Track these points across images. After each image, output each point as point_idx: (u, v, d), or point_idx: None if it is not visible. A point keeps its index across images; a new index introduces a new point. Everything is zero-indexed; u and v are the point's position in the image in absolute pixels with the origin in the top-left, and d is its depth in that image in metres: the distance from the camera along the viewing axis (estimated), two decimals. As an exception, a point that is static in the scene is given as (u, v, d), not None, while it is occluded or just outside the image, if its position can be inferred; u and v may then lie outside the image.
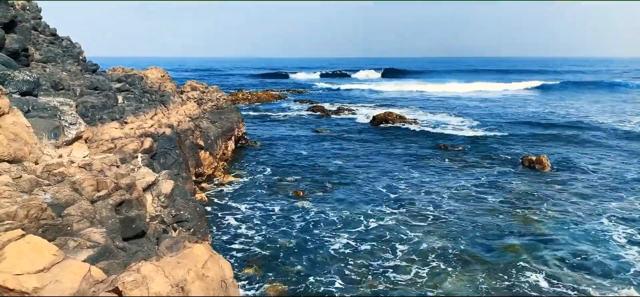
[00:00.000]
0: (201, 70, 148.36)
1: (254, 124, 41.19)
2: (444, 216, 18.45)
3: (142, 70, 26.29)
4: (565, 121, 42.91)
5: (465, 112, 50.21)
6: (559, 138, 34.46)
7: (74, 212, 7.03)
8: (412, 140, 34.08)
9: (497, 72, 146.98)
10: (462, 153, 29.61)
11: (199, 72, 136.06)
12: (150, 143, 15.01)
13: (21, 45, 13.84)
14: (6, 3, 13.19)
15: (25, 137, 8.20)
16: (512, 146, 31.59)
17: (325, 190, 21.89)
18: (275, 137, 35.46)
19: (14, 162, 7.74)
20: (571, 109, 53.76)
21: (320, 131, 37.99)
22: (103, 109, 16.44)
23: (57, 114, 10.41)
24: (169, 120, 20.13)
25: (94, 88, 17.03)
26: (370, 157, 28.73)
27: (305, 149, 31.19)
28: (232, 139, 28.81)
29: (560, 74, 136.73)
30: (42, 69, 15.60)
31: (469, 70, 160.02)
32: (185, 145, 20.73)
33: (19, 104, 9.68)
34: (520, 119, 44.45)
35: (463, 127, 40.20)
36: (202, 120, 25.15)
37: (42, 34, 17.79)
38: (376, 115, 43.61)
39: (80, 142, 10.68)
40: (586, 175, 24.33)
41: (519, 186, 22.50)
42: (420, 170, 25.60)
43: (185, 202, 11.31)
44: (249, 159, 28.43)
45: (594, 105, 57.31)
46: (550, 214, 18.64)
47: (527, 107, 55.50)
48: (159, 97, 22.67)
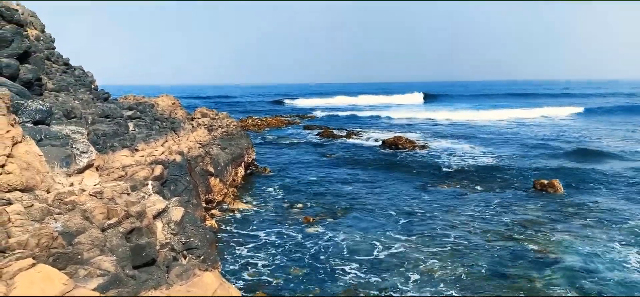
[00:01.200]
0: (213, 98, 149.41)
1: (263, 150, 41.29)
2: (456, 242, 18.23)
3: (153, 98, 26.57)
4: (579, 145, 42.55)
5: (483, 138, 49.46)
6: (573, 161, 34.14)
7: (84, 241, 7.02)
8: (422, 165, 33.92)
9: (540, 96, 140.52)
10: (474, 178, 29.37)
11: (212, 99, 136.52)
12: (160, 170, 15.05)
13: (35, 75, 14.06)
14: (21, 35, 13.45)
15: (37, 165, 8.27)
16: (525, 171, 31.30)
17: (336, 216, 21.76)
18: (285, 162, 35.49)
19: (26, 190, 7.79)
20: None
21: (330, 156, 37.99)
22: (114, 137, 16.57)
23: (69, 142, 10.51)
24: (180, 147, 20.23)
25: (105, 116, 17.20)
26: (379, 182, 28.61)
27: (314, 174, 31.16)
28: (242, 165, 28.86)
29: (605, 96, 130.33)
30: (54, 98, 15.81)
31: (512, 93, 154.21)
32: (196, 171, 20.79)
33: (32, 133, 9.79)
34: (536, 143, 43.81)
35: (475, 152, 39.97)
36: (212, 147, 25.26)
37: (55, 64, 18.08)
38: (386, 140, 43.60)
39: (92, 170, 10.75)
40: (599, 198, 23.99)
41: (531, 210, 22.24)
42: (431, 195, 25.42)
43: (196, 229, 11.28)
44: (258, 185, 28.43)
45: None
46: (564, 238, 18.34)
47: (558, 134, 51.89)
48: (169, 125, 22.83)
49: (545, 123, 66.40)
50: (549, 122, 68.46)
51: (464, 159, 36.23)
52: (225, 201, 23.85)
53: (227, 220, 21.34)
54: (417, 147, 41.22)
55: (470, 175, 30.00)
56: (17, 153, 7.98)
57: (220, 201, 23.60)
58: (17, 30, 13.41)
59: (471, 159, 36.31)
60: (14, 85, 11.89)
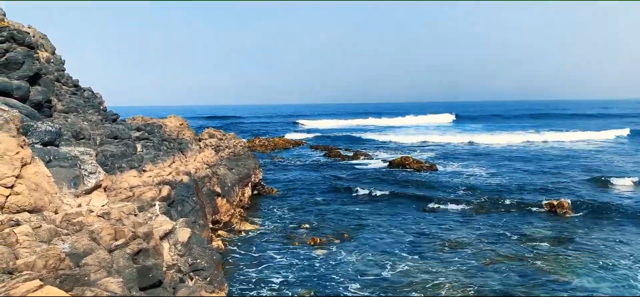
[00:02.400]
0: (220, 118, 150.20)
1: (270, 170, 41.31)
2: (464, 262, 18.04)
3: (161, 119, 26.76)
4: (593, 166, 42.19)
5: (498, 160, 48.83)
6: (587, 182, 33.87)
7: (91, 262, 7.02)
8: (430, 186, 33.75)
9: (580, 117, 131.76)
10: (482, 198, 29.15)
11: (219, 120, 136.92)
12: (168, 191, 15.09)
13: (45, 96, 14.22)
14: (32, 57, 13.64)
15: (46, 187, 8.31)
16: (535, 191, 31.08)
17: (342, 237, 21.63)
18: (292, 183, 35.46)
19: (34, 211, 7.82)
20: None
21: (337, 177, 37.93)
22: (122, 158, 16.67)
23: (78, 163, 10.57)
24: (187, 168, 20.29)
25: (113, 137, 17.33)
26: (386, 203, 28.47)
27: (321, 195, 31.10)
28: (249, 186, 28.87)
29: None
30: (64, 119, 15.96)
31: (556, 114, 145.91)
32: (203, 192, 20.81)
33: (41, 153, 9.86)
34: (555, 166, 42.87)
35: (485, 174, 39.74)
36: (219, 167, 25.32)
37: (65, 85, 18.30)
38: (393, 161, 43.50)
39: (100, 191, 10.79)
40: (610, 218, 23.73)
41: (540, 230, 22.03)
42: (438, 215, 25.25)
43: (202, 251, 11.25)
44: (265, 205, 28.39)
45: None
46: (574, 260, 18.12)
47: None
48: (177, 145, 22.94)
49: (577, 147, 59.33)
50: (584, 145, 60.78)
51: (473, 180, 36.02)
52: (232, 222, 23.81)
53: (234, 241, 21.27)
54: (425, 168, 41.02)
55: (479, 196, 29.77)
56: (26, 174, 8.03)
57: (227, 222, 23.57)
58: (28, 53, 13.61)
59: (480, 180, 36.08)
60: (24, 107, 12.03)
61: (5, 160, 7.71)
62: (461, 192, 31.14)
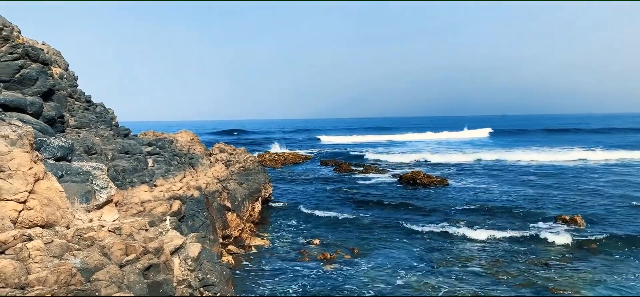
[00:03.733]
0: (229, 132, 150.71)
1: (280, 185, 41.32)
2: (475, 275, 17.84)
3: (173, 134, 26.92)
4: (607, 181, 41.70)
5: (514, 176, 48.54)
6: (599, 198, 33.44)
7: (102, 277, 7.03)
8: (441, 200, 33.55)
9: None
10: (495, 212, 28.89)
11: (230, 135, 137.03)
12: (178, 206, 15.12)
13: (58, 112, 14.37)
14: (46, 73, 13.82)
15: (58, 202, 8.36)
16: (548, 207, 30.75)
17: (352, 252, 21.51)
18: (302, 197, 35.41)
19: (46, 226, 7.87)
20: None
21: (346, 191, 37.82)
22: (133, 173, 16.75)
23: (89, 178, 10.64)
24: (198, 183, 20.34)
25: (125, 152, 17.44)
26: (396, 218, 28.28)
27: (330, 209, 30.99)
28: (259, 201, 28.86)
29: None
30: (76, 134, 16.11)
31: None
32: (213, 207, 20.83)
33: (54, 169, 9.95)
34: (575, 185, 42.51)
35: (494, 188, 39.45)
36: (229, 182, 25.36)
37: (77, 101, 18.48)
38: (403, 175, 43.30)
39: (111, 206, 10.84)
40: (622, 234, 23.37)
41: (552, 245, 21.74)
42: (451, 229, 25.02)
43: (212, 266, 11.23)
44: (275, 220, 28.35)
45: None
46: (585, 276, 17.85)
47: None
48: (187, 160, 23.03)
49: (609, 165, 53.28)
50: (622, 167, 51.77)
51: (484, 195, 35.74)
52: (242, 237, 23.78)
53: (244, 256, 21.23)
54: (436, 182, 40.77)
55: (489, 211, 29.52)
56: (38, 189, 8.09)
57: (237, 237, 23.54)
58: (42, 69, 13.79)
59: (492, 195, 35.78)
60: (38, 123, 12.16)
61: (18, 175, 7.78)
62: (472, 207, 30.87)
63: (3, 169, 7.70)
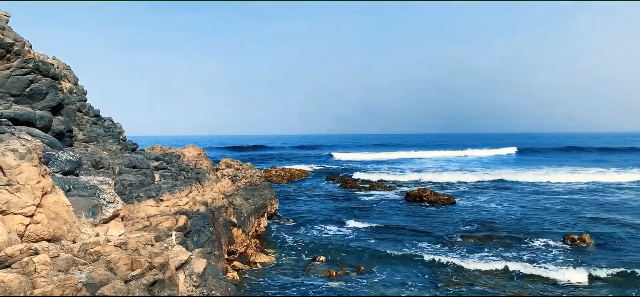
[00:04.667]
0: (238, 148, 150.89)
1: (286, 200, 41.26)
2: (483, 295, 17.67)
3: (180, 149, 27.02)
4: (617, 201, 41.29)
5: (523, 196, 48.37)
6: (609, 218, 33.12)
7: (107, 292, 7.02)
8: (448, 218, 33.36)
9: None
10: (502, 231, 28.67)
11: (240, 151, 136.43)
12: (184, 221, 15.13)
13: (66, 126, 14.49)
14: (55, 88, 13.96)
15: (65, 216, 8.39)
16: (554, 227, 30.48)
17: (358, 270, 21.38)
18: (307, 213, 35.33)
19: (53, 240, 7.89)
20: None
21: (352, 208, 37.71)
22: (140, 187, 16.81)
23: (96, 192, 10.68)
24: (204, 198, 20.36)
25: (132, 166, 17.52)
26: (403, 235, 28.14)
27: (336, 226, 30.88)
28: (264, 216, 28.82)
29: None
30: (84, 148, 16.22)
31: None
32: (219, 222, 20.82)
33: (61, 183, 10.00)
34: (589, 204, 42.02)
35: (503, 206, 39.20)
36: (235, 197, 25.36)
37: (86, 115, 18.63)
38: (410, 192, 43.12)
39: (117, 220, 10.86)
40: (632, 253, 23.09)
41: (560, 265, 21.51)
42: (457, 248, 24.84)
43: (217, 282, 11.20)
44: (281, 236, 28.26)
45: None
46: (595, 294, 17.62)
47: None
48: (194, 175, 23.09)
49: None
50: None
51: (491, 214, 35.52)
52: (247, 253, 23.71)
53: (250, 272, 21.14)
54: (442, 200, 40.54)
55: (496, 230, 29.31)
56: (46, 203, 8.13)
57: (243, 253, 23.47)
58: (51, 84, 13.93)
59: (498, 215, 35.54)
60: (46, 137, 12.26)
61: (26, 189, 7.83)
62: (477, 225, 30.68)
63: (11, 183, 7.75)
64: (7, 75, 12.71)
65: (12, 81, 12.77)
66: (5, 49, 12.55)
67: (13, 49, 12.79)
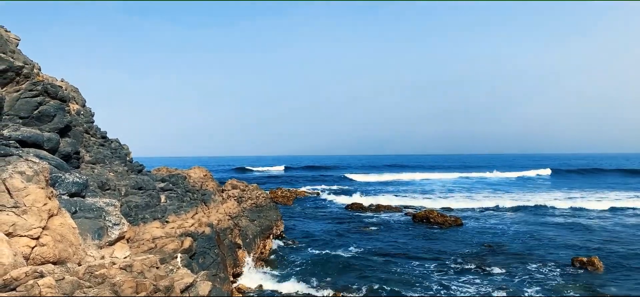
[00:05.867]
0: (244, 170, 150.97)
1: (292, 222, 41.11)
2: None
3: (186, 170, 27.09)
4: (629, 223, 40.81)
5: (534, 220, 47.97)
6: (624, 242, 32.74)
7: (112, 316, 6.98)
8: (457, 239, 33.10)
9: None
10: (509, 253, 28.38)
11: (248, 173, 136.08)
12: (190, 243, 15.10)
13: (74, 148, 14.58)
14: (63, 110, 14.08)
15: (70, 238, 8.39)
16: (562, 248, 30.16)
17: (366, 295, 21.18)
18: (314, 235, 35.15)
19: (58, 263, 7.88)
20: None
21: (359, 229, 37.50)
22: (146, 209, 16.82)
23: (102, 214, 10.70)
24: (209, 219, 20.34)
25: (138, 188, 17.56)
26: (411, 258, 27.90)
27: (343, 248, 30.68)
28: (270, 238, 28.71)
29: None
30: (90, 169, 16.29)
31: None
32: (224, 244, 20.76)
33: (67, 205, 10.03)
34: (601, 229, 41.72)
35: (511, 228, 38.89)
36: (241, 219, 25.32)
37: (93, 137, 18.76)
38: (417, 214, 42.90)
39: (123, 242, 10.85)
40: (645, 278, 22.74)
41: (568, 289, 21.22)
42: (464, 271, 24.60)
43: (222, 305, 11.12)
44: (286, 258, 28.09)
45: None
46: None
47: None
48: (200, 196, 23.10)
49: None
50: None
51: (498, 237, 35.21)
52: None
53: (255, 295, 20.99)
54: (450, 222, 40.28)
55: (505, 251, 29.03)
56: (52, 225, 8.15)
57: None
58: (59, 106, 14.06)
59: (505, 237, 35.23)
60: (54, 159, 12.33)
61: (33, 211, 7.85)
62: (484, 247, 30.41)
63: (18, 205, 7.78)
64: (16, 98, 12.84)
65: (20, 103, 12.90)
66: (15, 72, 12.70)
67: (23, 71, 12.94)
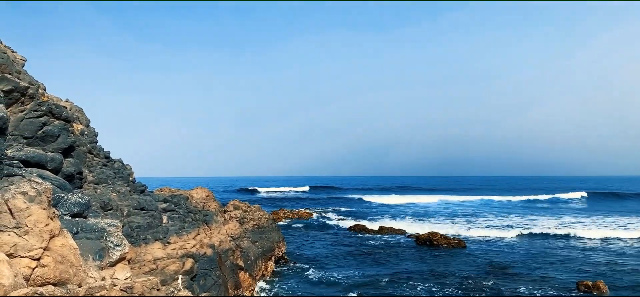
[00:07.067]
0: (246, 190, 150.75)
1: (294, 243, 40.91)
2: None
3: (188, 191, 27.08)
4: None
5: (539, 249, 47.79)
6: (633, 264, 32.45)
7: (111, 339, 6.93)
8: (460, 260, 32.86)
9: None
10: (515, 275, 28.13)
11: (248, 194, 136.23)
12: (191, 264, 15.04)
13: (77, 168, 14.62)
14: (67, 130, 14.16)
15: (71, 259, 8.37)
16: (567, 271, 29.88)
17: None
18: (315, 257, 34.94)
19: (58, 284, 7.85)
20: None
21: (361, 251, 37.28)
22: (148, 229, 16.79)
23: (104, 235, 10.67)
24: (211, 240, 20.27)
25: (140, 208, 17.55)
26: (415, 281, 27.68)
27: (345, 270, 30.48)
28: (272, 260, 28.56)
29: None
30: (93, 190, 16.31)
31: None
32: (226, 265, 20.65)
33: (69, 225, 10.02)
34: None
35: (515, 248, 38.59)
36: (243, 240, 25.23)
37: (97, 157, 18.82)
38: (420, 236, 42.68)
39: (124, 263, 10.81)
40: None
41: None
42: (469, 293, 24.36)
43: (223, 328, 11.02)
44: (288, 280, 27.90)
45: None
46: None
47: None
48: (202, 217, 23.06)
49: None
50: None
51: (501, 257, 34.94)
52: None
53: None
54: (453, 244, 40.04)
55: (511, 273, 28.77)
56: (53, 246, 8.13)
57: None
58: (64, 126, 14.14)
59: (509, 257, 34.94)
60: (57, 179, 12.36)
61: (34, 232, 7.85)
62: (488, 268, 30.18)
63: (20, 226, 7.78)
64: (21, 118, 12.93)
65: (25, 124, 12.98)
66: (21, 92, 12.81)
67: (28, 92, 13.05)
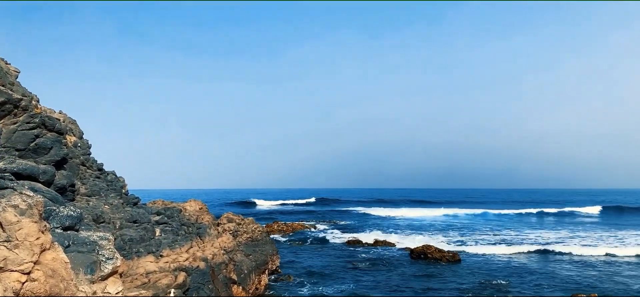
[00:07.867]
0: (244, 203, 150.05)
1: (288, 257, 40.73)
2: None
3: (182, 203, 26.96)
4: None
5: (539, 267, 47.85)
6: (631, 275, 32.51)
7: (101, 354, 6.86)
8: (455, 274, 32.83)
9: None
10: (510, 288, 28.11)
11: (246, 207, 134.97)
12: (183, 278, 14.94)
13: (69, 181, 14.54)
14: (60, 142, 14.10)
15: (62, 273, 8.30)
16: (562, 282, 29.90)
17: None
18: (309, 270, 34.79)
19: (48, 299, 7.77)
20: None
21: (355, 265, 37.16)
22: (140, 242, 16.68)
23: (96, 248, 10.59)
24: (204, 253, 20.16)
25: (133, 221, 17.44)
26: (409, 294, 27.61)
27: (339, 283, 30.37)
28: (265, 273, 28.40)
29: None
30: (86, 202, 16.21)
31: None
32: (219, 279, 20.52)
33: (61, 239, 9.94)
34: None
35: (511, 261, 38.59)
36: (236, 253, 25.09)
37: (90, 169, 18.72)
38: (414, 249, 42.61)
39: (115, 277, 10.72)
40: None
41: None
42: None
43: (215, 342, 10.93)
44: (282, 294, 27.75)
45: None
46: None
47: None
48: (195, 230, 22.94)
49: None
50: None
51: (502, 266, 34.93)
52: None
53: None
54: (447, 257, 39.97)
55: (506, 285, 28.76)
56: (44, 260, 8.06)
57: (243, 310, 23.01)
58: (56, 138, 14.08)
59: (506, 271, 34.95)
60: (49, 191, 12.28)
61: (25, 246, 7.78)
62: (486, 279, 30.15)
63: (10, 239, 7.71)
64: (13, 130, 12.87)
65: (17, 136, 12.92)
66: (13, 104, 12.76)
67: (21, 104, 13.00)
